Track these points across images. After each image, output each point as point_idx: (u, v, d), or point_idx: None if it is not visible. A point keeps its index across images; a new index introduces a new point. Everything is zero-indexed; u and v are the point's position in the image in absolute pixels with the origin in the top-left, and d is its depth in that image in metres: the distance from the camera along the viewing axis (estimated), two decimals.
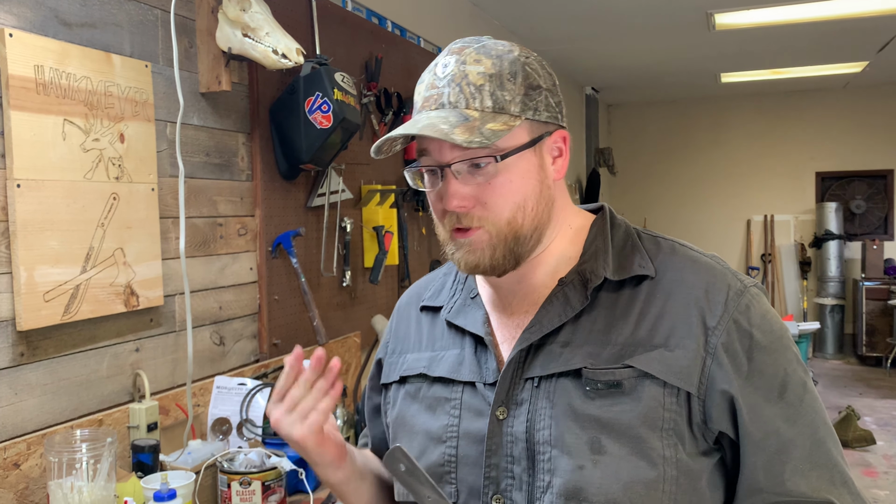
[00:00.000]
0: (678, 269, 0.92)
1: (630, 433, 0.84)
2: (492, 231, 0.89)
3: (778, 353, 0.89)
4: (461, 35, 1.01)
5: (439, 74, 0.90)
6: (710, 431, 0.87)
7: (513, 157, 0.88)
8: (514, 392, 0.90)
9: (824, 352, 7.67)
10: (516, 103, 0.88)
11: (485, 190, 0.88)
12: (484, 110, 0.87)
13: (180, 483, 1.57)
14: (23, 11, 1.54)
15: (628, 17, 4.76)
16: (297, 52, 1.98)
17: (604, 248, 0.94)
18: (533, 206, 0.90)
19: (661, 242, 0.96)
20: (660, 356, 0.86)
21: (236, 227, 2.18)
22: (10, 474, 1.46)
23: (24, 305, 1.50)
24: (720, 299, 0.88)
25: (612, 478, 0.83)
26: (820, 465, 0.87)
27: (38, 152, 1.54)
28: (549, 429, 0.87)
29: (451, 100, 0.88)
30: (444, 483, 0.92)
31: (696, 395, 0.85)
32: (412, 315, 1.08)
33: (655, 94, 8.04)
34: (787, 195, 8.14)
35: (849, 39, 5.51)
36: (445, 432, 0.94)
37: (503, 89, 0.88)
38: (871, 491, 4.16)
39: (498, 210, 0.88)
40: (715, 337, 0.86)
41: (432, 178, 0.92)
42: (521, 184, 0.89)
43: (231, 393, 1.96)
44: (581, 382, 0.87)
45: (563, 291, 0.92)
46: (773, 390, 0.87)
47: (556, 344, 0.90)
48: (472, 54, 0.90)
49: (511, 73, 0.89)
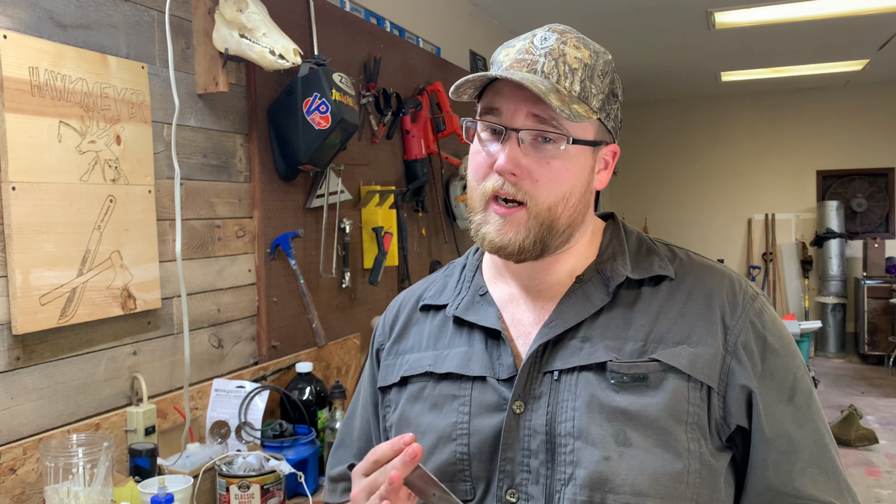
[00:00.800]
0: (697, 273, 0.95)
1: (656, 425, 0.85)
2: (531, 212, 0.90)
3: (788, 357, 0.92)
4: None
5: (537, 44, 0.92)
6: (726, 428, 0.88)
7: (578, 147, 0.91)
8: (532, 386, 0.91)
9: (826, 351, 7.65)
10: (598, 100, 0.91)
11: (541, 167, 0.89)
12: (571, 92, 0.89)
13: (178, 487, 1.55)
14: (17, 13, 1.53)
15: (628, 16, 4.75)
16: (294, 52, 1.96)
17: (621, 250, 0.97)
18: (574, 203, 0.92)
19: (676, 249, 1.00)
20: (683, 352, 0.88)
21: (234, 228, 2.17)
22: (6, 479, 1.45)
23: (19, 309, 1.49)
24: (738, 301, 0.92)
25: (638, 469, 0.84)
26: (825, 471, 0.90)
27: (33, 155, 1.52)
28: (572, 420, 0.87)
29: (546, 70, 0.90)
30: (458, 481, 0.92)
31: (717, 391, 0.88)
32: (410, 316, 1.07)
33: (655, 93, 8.03)
34: (788, 194, 8.12)
35: (849, 37, 5.49)
36: (455, 430, 0.93)
37: (592, 82, 0.91)
38: (873, 490, 4.15)
39: (546, 191, 0.90)
40: (734, 335, 0.90)
41: (492, 136, 0.92)
42: (574, 176, 0.91)
43: (230, 396, 1.95)
44: (605, 376, 0.88)
45: (583, 289, 0.94)
46: (784, 392, 0.90)
47: (575, 339, 0.91)
48: (573, 40, 0.92)
49: (602, 72, 0.92)
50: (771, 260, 8.15)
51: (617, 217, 1.03)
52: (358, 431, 1.12)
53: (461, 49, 4.11)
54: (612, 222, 1.02)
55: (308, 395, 2.09)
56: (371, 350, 1.11)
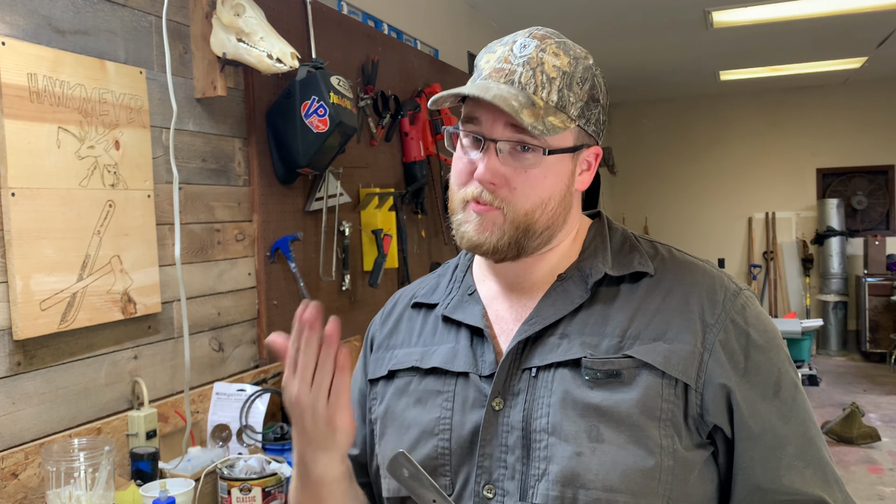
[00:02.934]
0: (677, 270, 0.96)
1: (628, 422, 0.86)
2: (508, 215, 0.91)
3: (772, 352, 0.92)
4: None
5: (516, 52, 0.92)
6: (704, 425, 0.89)
7: (555, 156, 0.91)
8: (511, 383, 0.92)
9: (828, 349, 7.65)
10: (577, 108, 0.92)
11: (518, 176, 0.91)
12: (548, 102, 0.90)
13: (180, 490, 1.56)
14: (15, 19, 1.54)
15: (625, 16, 4.76)
16: (292, 56, 1.97)
17: (602, 247, 0.98)
18: (553, 208, 0.93)
19: (658, 246, 1.00)
20: (658, 348, 0.89)
21: (234, 232, 2.17)
22: (7, 484, 1.45)
23: (20, 314, 1.50)
24: (718, 298, 0.92)
25: (610, 465, 0.85)
26: (812, 464, 0.90)
27: (32, 161, 1.53)
28: (546, 417, 0.88)
29: (523, 80, 0.90)
30: (438, 475, 0.93)
31: (694, 388, 0.88)
32: (403, 313, 1.09)
33: (654, 92, 8.04)
34: (788, 192, 8.12)
35: (847, 35, 5.50)
36: (438, 425, 0.94)
37: (570, 90, 0.91)
38: (876, 488, 4.15)
39: (523, 198, 0.91)
40: (712, 334, 0.90)
41: (473, 143, 0.94)
42: (552, 183, 0.92)
43: (230, 399, 1.95)
44: (580, 372, 0.89)
45: (563, 286, 0.95)
46: (769, 388, 0.90)
47: (553, 336, 0.92)
48: (553, 46, 0.93)
49: (581, 79, 0.92)
50: (772, 258, 8.15)
51: (603, 215, 1.04)
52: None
53: (459, 51, 4.11)
54: (597, 221, 1.03)
55: None
56: (365, 341, 1.13)
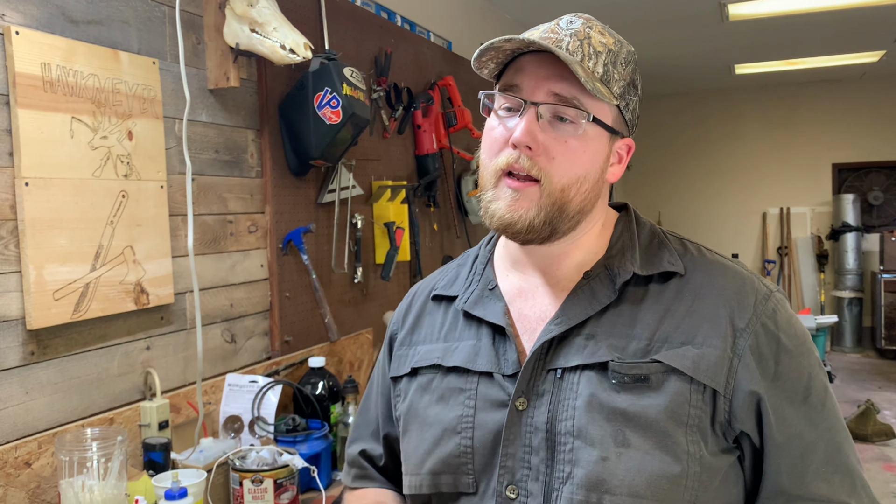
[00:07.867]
0: (707, 271, 0.92)
1: (655, 427, 0.84)
2: (545, 190, 0.88)
3: (803, 356, 0.89)
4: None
5: (563, 26, 0.91)
6: (731, 430, 0.87)
7: (596, 129, 0.89)
8: (536, 383, 0.90)
9: (843, 345, 7.59)
10: (619, 87, 0.90)
11: (558, 145, 0.88)
12: (594, 73, 0.88)
13: (192, 481, 1.56)
14: (29, 9, 1.54)
15: (640, 9, 4.72)
16: (305, 47, 1.96)
17: (630, 244, 0.95)
18: (587, 189, 0.90)
19: (688, 244, 0.97)
20: (687, 353, 0.86)
21: (246, 224, 2.17)
22: (21, 473, 1.46)
23: (33, 304, 1.50)
24: (749, 302, 0.89)
25: (636, 471, 0.83)
26: (840, 470, 0.88)
27: (45, 150, 1.53)
28: (572, 419, 0.86)
29: (571, 48, 0.89)
30: (461, 474, 0.92)
31: (723, 395, 0.85)
32: (424, 306, 1.07)
33: (669, 86, 7.98)
34: (804, 187, 8.05)
35: (865, 29, 5.43)
36: (460, 423, 0.93)
37: (615, 67, 0.90)
38: (891, 486, 4.11)
39: (561, 170, 0.88)
40: (743, 339, 0.87)
41: (509, 114, 0.91)
42: (589, 160, 0.89)
43: (243, 390, 1.95)
44: (607, 375, 0.87)
45: (590, 285, 0.92)
46: (798, 393, 0.88)
47: (580, 336, 0.90)
48: (598, 27, 0.92)
49: (625, 60, 0.91)
50: (786, 254, 8.08)
51: (630, 208, 1.01)
52: (373, 412, 1.13)
53: (473, 43, 4.09)
54: (624, 214, 0.99)
55: (321, 389, 2.09)
56: (385, 341, 1.12)
